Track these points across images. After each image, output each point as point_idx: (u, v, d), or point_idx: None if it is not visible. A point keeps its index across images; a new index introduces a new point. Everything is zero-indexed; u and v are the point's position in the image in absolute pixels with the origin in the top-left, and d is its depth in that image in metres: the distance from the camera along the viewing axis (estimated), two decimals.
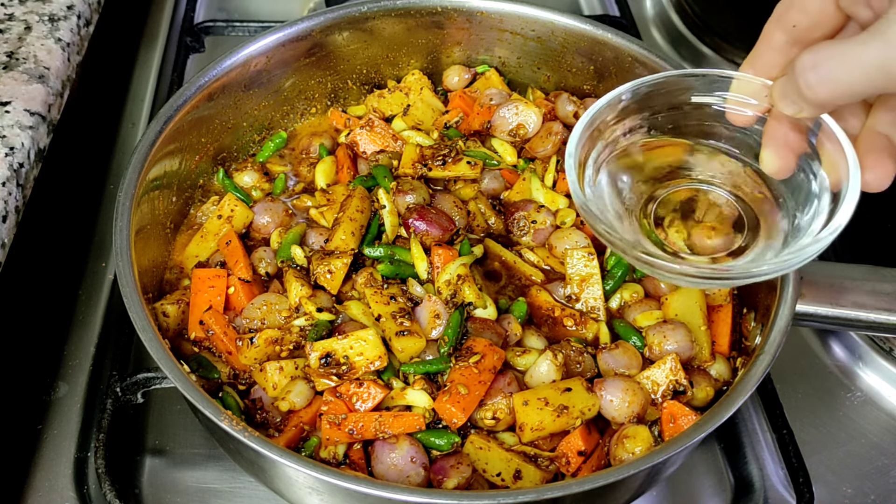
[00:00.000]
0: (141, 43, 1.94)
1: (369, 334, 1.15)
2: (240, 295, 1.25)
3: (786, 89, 0.86)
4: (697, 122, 1.05)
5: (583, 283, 1.28)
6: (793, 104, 0.86)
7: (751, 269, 0.96)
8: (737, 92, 0.98)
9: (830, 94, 0.81)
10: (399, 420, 1.12)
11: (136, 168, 1.23)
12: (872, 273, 1.20)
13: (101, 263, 1.51)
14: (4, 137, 1.31)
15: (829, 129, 0.92)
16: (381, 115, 1.51)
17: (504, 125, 1.45)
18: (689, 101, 1.04)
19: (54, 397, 1.33)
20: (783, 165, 0.96)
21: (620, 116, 1.05)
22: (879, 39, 0.77)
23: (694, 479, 1.30)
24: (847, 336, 1.45)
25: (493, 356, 1.15)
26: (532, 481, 1.10)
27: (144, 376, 1.19)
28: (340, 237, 1.27)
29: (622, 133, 1.07)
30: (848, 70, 0.79)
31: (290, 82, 1.51)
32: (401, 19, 1.52)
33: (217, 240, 1.33)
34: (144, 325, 1.08)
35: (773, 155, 0.96)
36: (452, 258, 1.25)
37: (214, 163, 1.46)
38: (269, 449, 0.99)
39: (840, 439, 1.35)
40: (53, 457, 1.27)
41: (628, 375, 1.18)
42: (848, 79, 0.80)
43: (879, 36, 0.77)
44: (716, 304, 1.28)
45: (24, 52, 1.44)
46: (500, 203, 1.42)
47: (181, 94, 1.33)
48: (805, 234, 0.97)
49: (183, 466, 1.28)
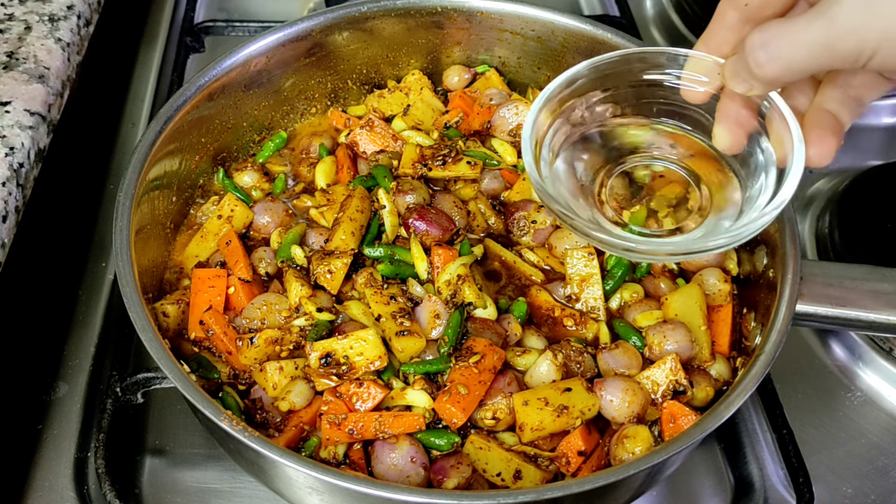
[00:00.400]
0: (141, 43, 1.94)
1: (369, 334, 1.15)
2: (240, 295, 1.25)
3: (736, 68, 0.89)
4: (654, 99, 1.08)
5: (583, 283, 1.28)
6: (743, 82, 0.89)
7: (706, 244, 0.99)
8: (691, 70, 1.00)
9: (779, 71, 0.84)
10: (399, 420, 1.12)
11: (136, 168, 1.23)
12: (872, 273, 1.20)
13: (101, 263, 1.51)
14: (4, 137, 1.31)
15: (777, 107, 0.95)
16: (381, 115, 1.51)
17: (504, 125, 1.45)
18: (646, 78, 1.06)
19: (54, 397, 1.33)
20: (734, 141, 0.99)
21: (577, 94, 1.07)
22: (824, 17, 0.79)
23: (694, 479, 1.30)
24: (847, 336, 1.45)
25: (493, 356, 1.15)
26: (532, 481, 1.10)
27: (144, 376, 1.19)
28: (340, 237, 1.27)
29: (579, 112, 1.09)
30: (795, 48, 0.82)
31: (290, 82, 1.51)
32: (401, 19, 1.51)
33: (217, 240, 1.33)
34: (144, 325, 1.08)
35: (724, 131, 0.99)
36: (452, 258, 1.25)
37: (214, 163, 1.46)
38: (269, 449, 0.99)
39: (840, 439, 1.35)
40: (53, 457, 1.27)
41: (628, 375, 1.18)
42: (795, 56, 0.83)
43: (824, 14, 0.79)
44: (716, 304, 1.28)
45: (24, 52, 1.44)
46: (500, 203, 1.42)
47: (181, 94, 1.33)
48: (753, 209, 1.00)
49: (183, 466, 1.28)
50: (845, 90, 0.94)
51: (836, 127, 0.94)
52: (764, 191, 1.00)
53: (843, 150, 1.82)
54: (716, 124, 1.00)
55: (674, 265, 1.32)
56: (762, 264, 1.26)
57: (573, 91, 1.06)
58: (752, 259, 1.30)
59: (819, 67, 0.84)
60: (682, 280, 1.32)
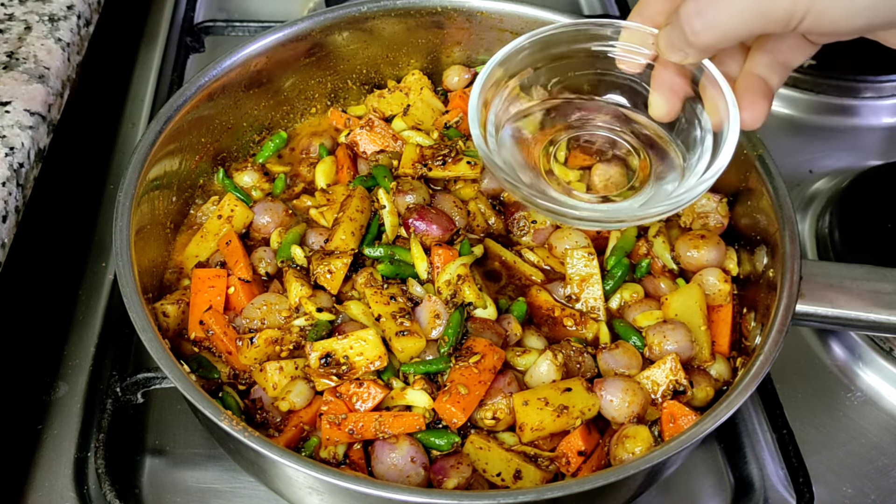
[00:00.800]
0: (141, 43, 1.94)
1: (369, 334, 1.15)
2: (240, 295, 1.25)
3: (671, 37, 0.93)
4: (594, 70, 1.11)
5: (583, 283, 1.28)
6: (678, 51, 0.93)
7: (647, 211, 1.04)
8: (626, 41, 1.04)
9: (714, 39, 0.88)
10: (399, 420, 1.12)
11: (136, 168, 1.23)
12: (872, 273, 1.20)
13: (101, 263, 1.51)
14: (4, 137, 1.31)
15: (710, 74, 0.99)
16: (381, 115, 1.51)
17: None
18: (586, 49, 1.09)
19: (54, 397, 1.33)
20: (670, 109, 1.04)
21: (521, 66, 1.11)
22: None
23: (694, 479, 1.30)
24: (847, 336, 1.45)
25: (493, 356, 1.15)
26: (532, 481, 1.10)
27: (144, 376, 1.19)
28: (340, 237, 1.27)
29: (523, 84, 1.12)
30: (729, 15, 0.86)
31: (290, 82, 1.51)
32: (401, 19, 1.51)
33: (217, 240, 1.33)
34: (144, 325, 1.08)
35: (660, 99, 1.03)
36: (452, 258, 1.25)
37: (214, 163, 1.46)
38: (269, 449, 0.99)
39: (840, 439, 1.35)
40: (53, 457, 1.27)
41: (628, 375, 1.18)
42: (729, 23, 0.86)
43: None
44: (716, 304, 1.28)
45: (24, 52, 1.44)
46: (500, 203, 1.42)
47: (181, 94, 1.33)
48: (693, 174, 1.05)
49: (183, 466, 1.28)
50: (774, 55, 0.98)
51: (766, 91, 0.98)
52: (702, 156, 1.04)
53: (843, 149, 1.84)
54: (651, 93, 1.04)
55: (672, 263, 1.32)
56: (762, 264, 1.26)
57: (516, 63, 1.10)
58: (752, 259, 1.30)
59: (752, 32, 0.88)
60: (682, 280, 1.32)
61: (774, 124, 1.79)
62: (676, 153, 1.10)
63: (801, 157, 1.73)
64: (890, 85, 1.80)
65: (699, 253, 1.30)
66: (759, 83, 0.99)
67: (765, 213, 1.26)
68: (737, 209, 1.35)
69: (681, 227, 1.38)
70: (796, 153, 1.74)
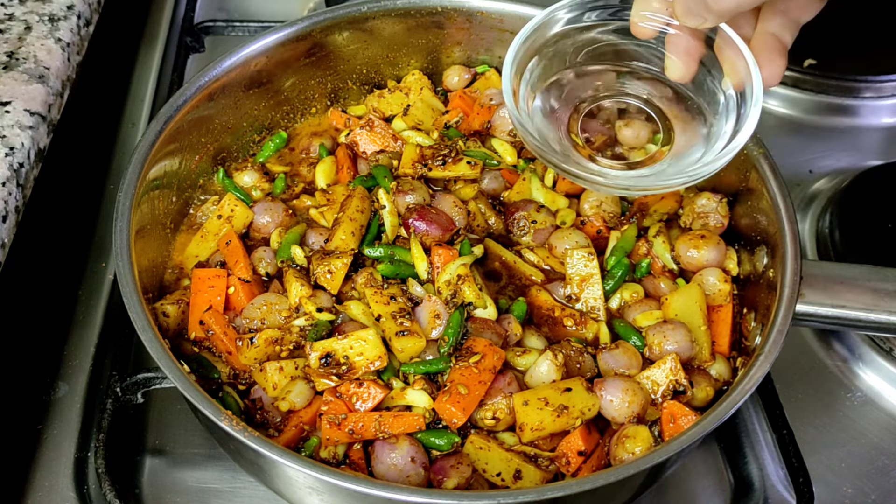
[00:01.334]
0: (141, 43, 1.94)
1: (369, 334, 1.15)
2: (240, 295, 1.25)
3: (688, 3, 0.96)
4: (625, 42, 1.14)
5: (583, 283, 1.28)
6: (697, 16, 0.97)
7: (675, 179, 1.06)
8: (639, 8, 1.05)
9: (735, 3, 0.92)
10: (399, 420, 1.12)
11: (136, 168, 1.23)
12: (872, 273, 1.20)
13: (101, 263, 1.50)
14: (4, 137, 1.31)
15: (728, 36, 1.03)
16: (381, 115, 1.51)
17: (504, 125, 1.45)
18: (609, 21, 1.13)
19: (54, 397, 1.33)
20: (686, 70, 1.07)
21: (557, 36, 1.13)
22: None
23: (694, 479, 1.30)
24: (847, 336, 1.45)
25: (493, 356, 1.15)
26: (532, 481, 1.10)
27: (144, 376, 1.19)
28: (340, 237, 1.27)
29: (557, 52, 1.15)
30: None
31: (290, 82, 1.51)
32: (401, 19, 1.51)
33: (217, 240, 1.33)
34: (144, 325, 1.08)
35: (676, 61, 1.07)
36: (452, 258, 1.25)
37: (214, 163, 1.46)
38: (269, 449, 0.99)
39: (840, 439, 1.35)
40: (53, 457, 1.27)
41: (628, 375, 1.18)
42: None
43: None
44: (716, 304, 1.28)
45: (24, 52, 1.44)
46: (500, 203, 1.42)
47: (181, 94, 1.33)
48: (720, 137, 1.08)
49: (183, 466, 1.28)
50: (785, 14, 1.02)
51: (781, 48, 1.02)
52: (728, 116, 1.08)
53: (843, 149, 1.84)
54: (666, 56, 1.07)
55: (672, 263, 1.32)
56: (762, 264, 1.26)
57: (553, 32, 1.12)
58: (752, 259, 1.30)
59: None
60: (682, 280, 1.32)
61: (774, 124, 1.79)
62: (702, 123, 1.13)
63: (801, 157, 1.73)
64: (890, 85, 1.80)
65: (699, 253, 1.30)
66: (773, 41, 1.02)
67: (765, 213, 1.26)
68: (737, 209, 1.36)
69: (681, 227, 1.38)
70: (796, 153, 1.74)
